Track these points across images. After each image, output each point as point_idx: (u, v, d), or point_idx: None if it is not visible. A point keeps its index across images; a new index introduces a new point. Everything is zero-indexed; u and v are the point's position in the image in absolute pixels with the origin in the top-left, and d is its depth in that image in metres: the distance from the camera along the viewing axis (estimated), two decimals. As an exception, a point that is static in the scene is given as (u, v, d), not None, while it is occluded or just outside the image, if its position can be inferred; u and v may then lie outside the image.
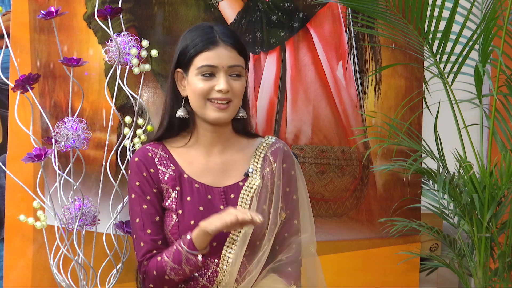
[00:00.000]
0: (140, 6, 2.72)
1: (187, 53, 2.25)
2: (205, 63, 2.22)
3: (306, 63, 2.87)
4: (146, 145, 2.34)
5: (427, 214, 3.01)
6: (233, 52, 2.24)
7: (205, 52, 2.23)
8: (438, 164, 2.76)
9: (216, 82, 2.23)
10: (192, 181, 2.28)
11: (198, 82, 2.23)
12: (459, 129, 2.77)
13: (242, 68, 2.26)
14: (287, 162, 2.34)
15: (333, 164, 2.90)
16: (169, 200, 2.26)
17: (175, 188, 2.27)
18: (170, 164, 2.29)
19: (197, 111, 2.27)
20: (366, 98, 2.92)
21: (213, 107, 2.24)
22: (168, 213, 2.27)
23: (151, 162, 2.29)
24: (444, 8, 2.67)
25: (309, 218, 2.35)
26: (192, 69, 2.25)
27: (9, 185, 2.67)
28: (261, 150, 2.34)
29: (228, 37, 2.25)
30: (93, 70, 2.69)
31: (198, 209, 2.24)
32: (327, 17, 2.88)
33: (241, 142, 2.35)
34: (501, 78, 2.79)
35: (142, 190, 2.27)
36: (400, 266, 2.94)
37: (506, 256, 2.71)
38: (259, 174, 2.30)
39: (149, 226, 2.25)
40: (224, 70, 2.23)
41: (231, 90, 2.23)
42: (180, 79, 2.29)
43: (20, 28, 2.66)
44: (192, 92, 2.25)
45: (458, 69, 2.78)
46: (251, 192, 2.28)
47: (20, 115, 2.58)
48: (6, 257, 2.70)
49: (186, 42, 2.27)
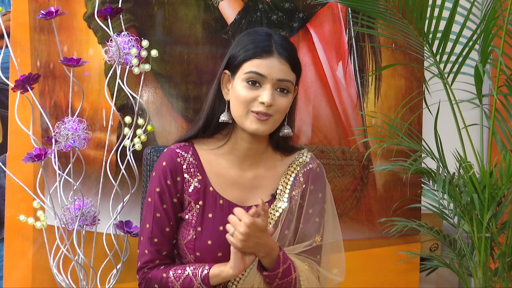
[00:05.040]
0: (140, 6, 2.72)
1: (238, 56, 2.14)
2: (254, 70, 2.11)
3: (306, 63, 2.87)
4: (176, 146, 2.21)
5: (427, 214, 3.01)
6: (286, 66, 2.13)
7: (257, 59, 2.11)
8: (438, 164, 2.76)
9: (261, 93, 2.11)
10: (217, 196, 2.18)
11: (242, 89, 2.12)
12: (459, 129, 2.76)
13: (291, 84, 2.14)
14: (316, 185, 2.25)
15: (333, 164, 2.90)
16: (190, 213, 2.18)
17: (198, 203, 2.18)
18: (197, 173, 2.19)
19: (237, 118, 2.15)
20: (366, 98, 2.92)
21: (253, 118, 2.12)
22: (186, 225, 2.19)
23: (178, 170, 2.18)
24: (444, 8, 2.67)
25: (331, 242, 2.26)
26: (239, 73, 2.13)
27: (9, 185, 2.67)
28: (293, 169, 2.24)
29: (284, 49, 2.13)
30: (93, 70, 2.69)
31: (218, 228, 2.15)
32: (327, 17, 2.88)
33: (274, 157, 2.25)
34: (501, 78, 2.79)
35: (161, 198, 2.18)
36: (400, 266, 2.94)
37: (506, 256, 2.71)
38: (287, 196, 2.21)
39: (157, 235, 2.18)
40: (272, 82, 2.11)
41: (274, 105, 2.11)
42: (226, 81, 2.17)
43: (20, 28, 2.66)
44: (235, 98, 2.13)
45: (458, 69, 2.78)
46: (276, 215, 2.19)
47: (20, 115, 2.58)
48: (6, 257, 2.70)
49: (240, 45, 2.15)
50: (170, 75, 2.74)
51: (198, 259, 2.16)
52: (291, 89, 2.15)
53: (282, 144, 2.24)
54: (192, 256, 2.17)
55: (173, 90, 2.75)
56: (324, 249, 2.25)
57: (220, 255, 2.15)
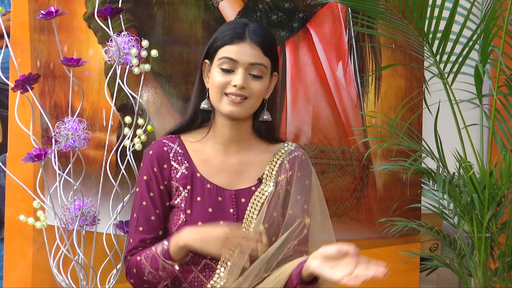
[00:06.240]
0: (140, 6, 2.72)
1: (214, 44, 2.24)
2: (226, 55, 2.21)
3: (306, 63, 2.87)
4: (163, 138, 2.32)
5: (427, 214, 3.01)
6: (257, 50, 2.21)
7: (229, 45, 2.21)
8: (438, 164, 2.76)
9: (234, 77, 2.21)
10: (204, 181, 2.25)
11: (217, 75, 2.22)
12: (459, 129, 2.77)
13: (264, 67, 2.23)
14: (302, 171, 2.31)
15: (333, 164, 2.90)
16: (179, 198, 2.25)
17: (186, 187, 2.25)
18: (184, 161, 2.27)
19: (214, 104, 2.25)
20: (366, 98, 2.92)
21: (227, 101, 2.21)
22: (176, 211, 2.25)
23: (165, 158, 2.27)
24: (444, 8, 2.67)
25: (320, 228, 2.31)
26: (215, 60, 2.24)
27: (9, 185, 2.67)
28: (278, 157, 2.31)
29: (257, 35, 2.22)
30: (93, 70, 2.69)
31: (207, 210, 2.22)
32: (327, 17, 2.88)
33: (260, 145, 2.32)
34: (501, 78, 2.79)
35: (148, 186, 2.25)
36: (400, 266, 2.94)
37: (506, 256, 2.71)
38: (273, 180, 2.27)
39: (142, 224, 2.24)
40: (244, 66, 2.20)
41: (248, 88, 2.20)
42: (206, 70, 2.29)
43: (20, 28, 2.66)
44: (212, 85, 2.24)
45: (458, 69, 2.78)
46: (262, 198, 2.25)
47: (20, 115, 2.58)
48: (6, 257, 2.70)
49: (217, 34, 2.26)
50: (170, 75, 2.74)
51: None
52: (265, 73, 2.23)
53: (264, 131, 2.31)
54: None
55: (173, 90, 2.75)
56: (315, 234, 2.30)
57: None
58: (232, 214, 2.22)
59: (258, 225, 2.22)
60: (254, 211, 2.24)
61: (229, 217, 2.23)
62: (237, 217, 2.24)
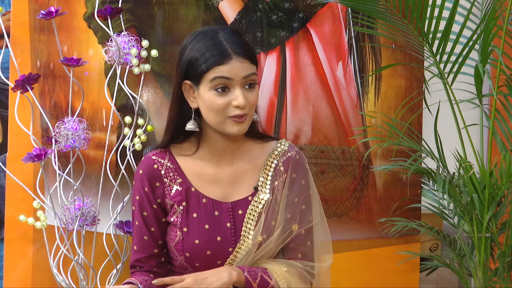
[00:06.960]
0: (140, 6, 2.72)
1: (198, 68, 2.13)
2: (219, 75, 2.11)
3: (306, 63, 2.87)
4: (152, 154, 2.24)
5: (427, 214, 3.01)
6: (246, 62, 2.13)
7: (219, 66, 2.11)
8: (438, 164, 2.76)
9: (232, 97, 2.12)
10: (200, 196, 2.20)
11: (213, 97, 2.12)
12: (459, 129, 2.76)
13: (255, 74, 2.16)
14: (297, 172, 2.26)
15: (333, 164, 2.90)
16: (174, 216, 2.20)
17: (181, 204, 2.20)
18: (177, 176, 2.22)
19: (215, 126, 2.16)
20: (366, 98, 2.92)
21: (232, 122, 2.13)
22: (173, 227, 2.21)
23: (156, 176, 2.21)
24: (444, 8, 2.66)
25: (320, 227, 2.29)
26: (204, 82, 2.13)
27: (9, 185, 2.67)
28: (272, 160, 2.26)
29: (239, 46, 2.13)
30: (93, 70, 2.70)
31: (204, 227, 2.18)
32: (327, 17, 2.88)
33: (252, 149, 2.26)
34: (501, 78, 2.79)
35: (140, 205, 2.21)
36: (400, 266, 2.94)
37: (506, 256, 2.71)
38: (269, 187, 2.23)
39: (136, 243, 2.23)
40: (239, 82, 2.12)
41: (247, 103, 2.13)
42: (188, 90, 2.17)
43: (20, 28, 2.66)
44: (208, 108, 2.13)
45: (458, 69, 2.78)
46: (258, 207, 2.21)
47: (20, 115, 2.58)
48: (6, 257, 2.70)
49: (193, 54, 2.13)
50: (170, 75, 2.74)
51: (188, 259, 2.18)
52: (256, 80, 2.17)
53: (255, 132, 2.26)
54: (182, 257, 2.19)
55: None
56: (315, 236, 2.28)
57: (209, 253, 2.17)
58: (229, 228, 2.18)
59: (256, 237, 2.19)
60: (252, 222, 2.20)
61: (226, 232, 2.19)
62: (234, 231, 2.19)
